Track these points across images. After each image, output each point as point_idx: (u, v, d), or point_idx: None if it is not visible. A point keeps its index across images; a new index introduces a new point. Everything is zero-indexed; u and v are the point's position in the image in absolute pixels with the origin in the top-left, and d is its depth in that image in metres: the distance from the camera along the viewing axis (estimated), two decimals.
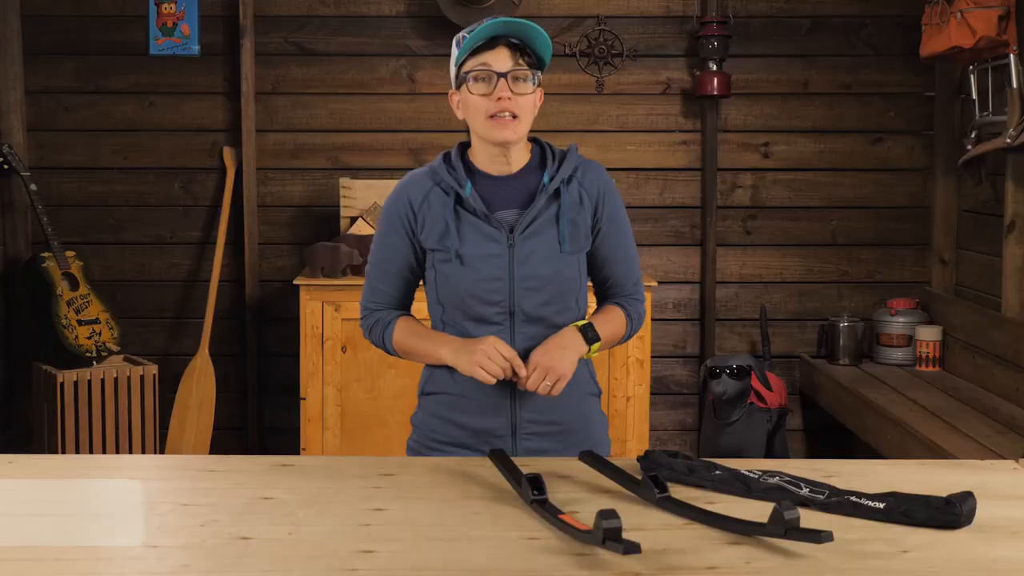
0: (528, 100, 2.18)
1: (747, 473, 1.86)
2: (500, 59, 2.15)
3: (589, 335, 2.22)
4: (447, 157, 2.27)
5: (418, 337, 2.27)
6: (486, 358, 2.13)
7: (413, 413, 2.37)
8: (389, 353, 2.34)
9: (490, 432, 2.24)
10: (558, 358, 2.16)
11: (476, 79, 2.16)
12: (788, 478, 1.84)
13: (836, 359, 4.59)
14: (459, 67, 2.20)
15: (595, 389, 2.35)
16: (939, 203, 4.69)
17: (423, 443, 2.32)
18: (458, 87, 2.22)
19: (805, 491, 1.79)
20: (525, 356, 2.20)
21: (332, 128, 4.74)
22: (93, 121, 4.74)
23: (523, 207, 2.22)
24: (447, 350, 2.20)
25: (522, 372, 2.15)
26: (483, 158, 2.24)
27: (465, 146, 2.30)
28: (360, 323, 2.37)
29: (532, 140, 2.30)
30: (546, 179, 2.22)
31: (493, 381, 2.14)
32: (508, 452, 2.20)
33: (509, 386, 2.22)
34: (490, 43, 2.15)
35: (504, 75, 2.14)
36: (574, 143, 2.38)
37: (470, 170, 2.26)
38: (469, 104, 2.18)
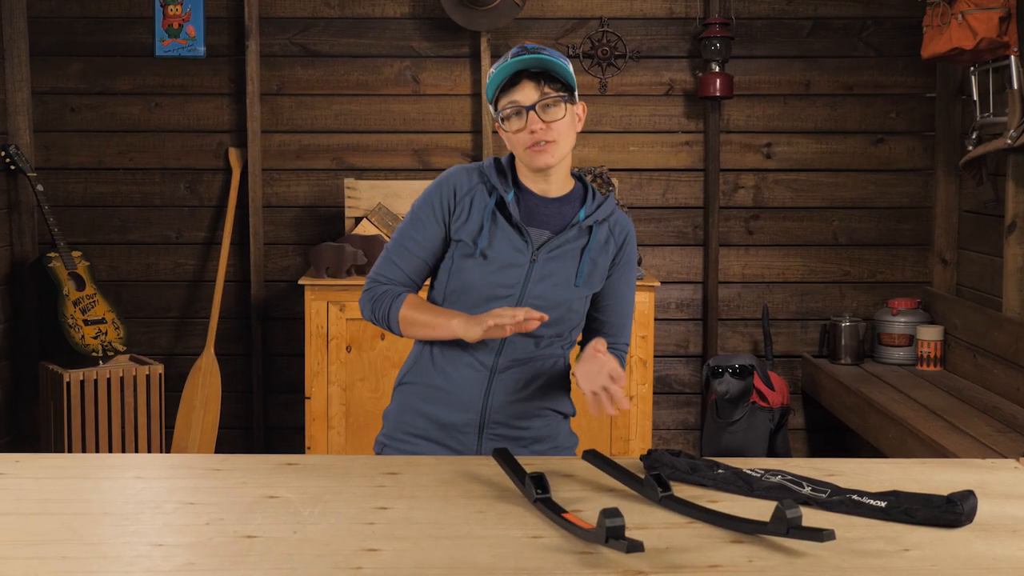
0: (562, 124, 2.24)
1: (749, 472, 1.88)
2: (526, 93, 2.23)
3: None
4: (497, 161, 2.34)
5: (429, 309, 2.29)
6: (495, 317, 2.14)
7: (385, 408, 2.41)
8: (386, 325, 2.33)
9: (456, 428, 2.30)
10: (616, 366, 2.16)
11: (508, 117, 2.25)
12: (790, 477, 1.86)
13: (838, 359, 4.60)
14: (494, 106, 2.28)
15: (570, 410, 2.41)
16: (940, 203, 4.69)
17: (390, 435, 2.37)
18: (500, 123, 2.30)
19: (807, 490, 1.80)
20: (509, 368, 2.28)
21: (337, 129, 4.76)
22: (99, 122, 4.76)
23: (554, 231, 2.29)
24: (459, 320, 2.22)
25: (528, 314, 2.15)
26: (527, 176, 2.32)
27: (513, 156, 2.36)
28: (362, 295, 2.36)
29: (576, 177, 2.38)
30: (582, 215, 2.30)
31: (507, 332, 2.14)
32: (472, 451, 2.28)
33: (485, 384, 2.28)
34: (514, 79, 2.23)
35: (532, 108, 2.22)
36: (611, 192, 2.43)
37: (515, 182, 2.33)
38: (509, 140, 2.28)
